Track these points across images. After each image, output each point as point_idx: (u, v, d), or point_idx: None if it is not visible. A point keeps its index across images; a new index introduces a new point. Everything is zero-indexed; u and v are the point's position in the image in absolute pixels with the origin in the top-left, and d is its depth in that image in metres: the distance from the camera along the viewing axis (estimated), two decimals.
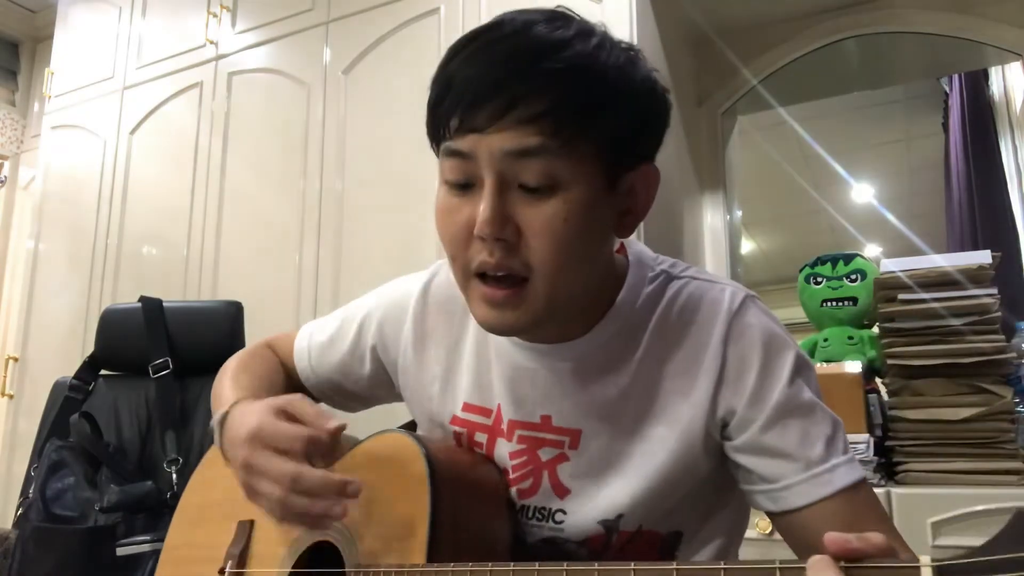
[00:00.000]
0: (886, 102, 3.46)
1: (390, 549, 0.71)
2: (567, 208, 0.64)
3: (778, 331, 0.73)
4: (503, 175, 0.64)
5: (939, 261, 1.63)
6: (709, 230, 2.39)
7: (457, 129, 0.65)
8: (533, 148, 0.62)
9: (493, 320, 0.68)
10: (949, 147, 3.02)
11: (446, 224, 0.68)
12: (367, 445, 0.80)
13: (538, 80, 0.62)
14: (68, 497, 1.54)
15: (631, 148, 0.69)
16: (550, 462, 0.76)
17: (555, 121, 0.62)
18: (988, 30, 2.16)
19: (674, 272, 0.78)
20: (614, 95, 0.65)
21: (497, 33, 0.65)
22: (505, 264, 0.65)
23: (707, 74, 2.45)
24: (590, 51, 0.65)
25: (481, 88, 0.63)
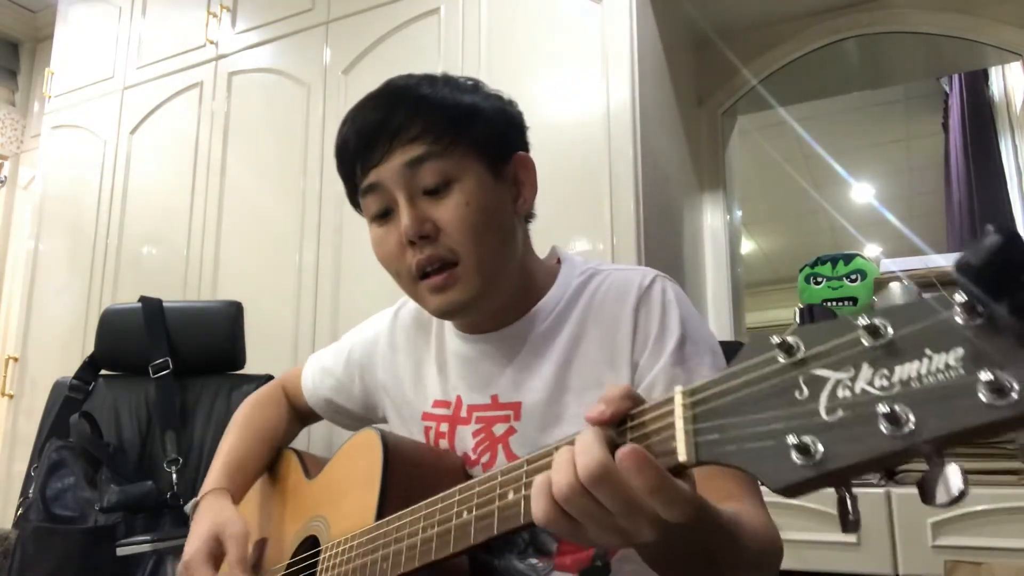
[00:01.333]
0: (886, 102, 3.46)
1: (352, 524, 0.79)
2: (466, 195, 0.79)
3: (675, 304, 0.84)
4: (408, 187, 0.79)
5: (939, 261, 1.63)
6: (709, 230, 2.39)
7: (363, 170, 0.81)
8: (422, 155, 0.79)
9: (443, 303, 0.81)
10: (949, 147, 3.02)
11: (383, 250, 0.83)
12: (346, 446, 0.90)
13: (409, 110, 0.80)
14: (68, 497, 1.54)
15: (501, 144, 0.84)
16: (503, 436, 0.86)
17: (433, 135, 0.79)
18: (988, 30, 2.16)
19: (600, 268, 0.91)
20: (471, 107, 0.83)
21: (371, 96, 0.84)
22: (435, 256, 0.79)
23: (707, 74, 2.45)
24: (441, 82, 0.84)
25: (369, 133, 0.80)
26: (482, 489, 0.63)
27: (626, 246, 1.77)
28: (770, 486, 0.43)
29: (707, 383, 0.49)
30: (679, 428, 0.49)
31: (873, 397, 0.40)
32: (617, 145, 1.82)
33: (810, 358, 0.43)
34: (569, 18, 1.94)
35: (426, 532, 0.67)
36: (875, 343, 0.41)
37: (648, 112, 1.90)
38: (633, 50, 1.86)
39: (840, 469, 0.40)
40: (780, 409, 0.44)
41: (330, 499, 0.89)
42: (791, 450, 0.42)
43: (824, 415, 0.41)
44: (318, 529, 0.87)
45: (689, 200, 2.30)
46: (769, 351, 0.45)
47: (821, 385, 0.42)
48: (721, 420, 0.47)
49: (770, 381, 0.45)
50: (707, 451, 0.47)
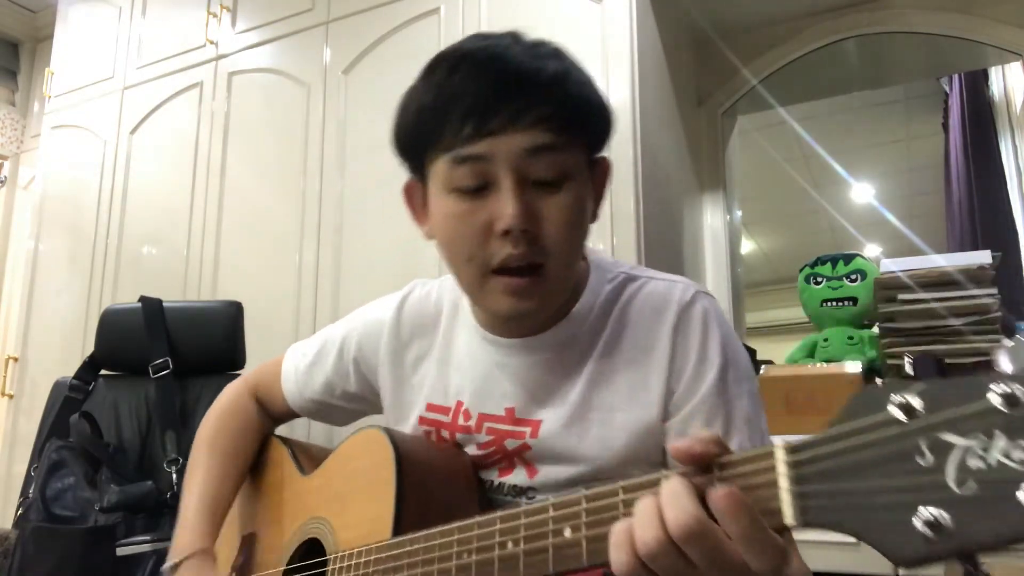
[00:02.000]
0: (886, 102, 3.46)
1: (363, 532, 0.75)
2: (575, 197, 0.73)
3: (716, 328, 0.78)
4: (520, 172, 0.70)
5: (939, 261, 1.63)
6: (709, 230, 2.39)
7: (470, 136, 0.70)
8: (547, 144, 0.70)
9: (514, 308, 0.73)
10: (949, 147, 3.02)
11: (461, 228, 0.72)
12: (347, 443, 0.85)
13: (541, 87, 0.70)
14: (68, 497, 1.54)
15: (602, 144, 0.79)
16: (516, 450, 0.81)
17: (559, 121, 0.71)
18: (988, 30, 2.16)
19: (632, 274, 0.84)
20: (591, 100, 0.75)
21: (487, 51, 0.72)
22: (528, 254, 0.71)
23: (707, 74, 2.45)
24: (571, 64, 0.75)
25: (493, 96, 0.69)
26: (531, 521, 0.58)
27: (626, 246, 1.77)
28: (894, 559, 0.40)
29: (813, 440, 0.45)
30: (783, 487, 0.45)
31: (1013, 472, 0.37)
32: (617, 145, 1.82)
33: (934, 422, 0.40)
34: (569, 18, 1.94)
35: (462, 558, 0.62)
36: (1012, 412, 0.37)
37: (648, 112, 1.90)
38: (633, 50, 1.86)
39: (976, 547, 0.38)
40: (901, 477, 0.41)
41: (332, 501, 0.84)
42: (918, 523, 0.39)
43: (954, 487, 0.38)
44: (320, 533, 0.83)
45: (689, 200, 2.30)
46: (884, 410, 0.42)
47: (947, 453, 0.39)
48: (831, 483, 0.43)
49: (888, 445, 0.41)
50: (817, 515, 0.44)
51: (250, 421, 1.01)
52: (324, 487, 0.87)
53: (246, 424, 1.01)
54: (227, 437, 0.99)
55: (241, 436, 1.00)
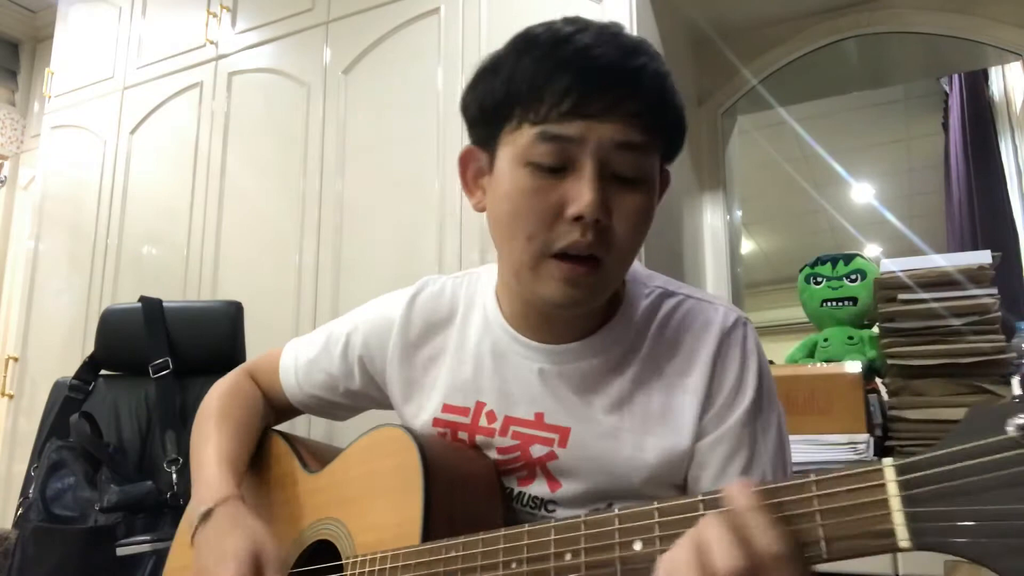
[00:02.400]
0: (886, 102, 3.46)
1: (386, 537, 0.72)
2: (648, 200, 0.72)
3: (755, 358, 0.77)
4: (604, 163, 0.69)
5: (939, 261, 1.63)
6: (709, 230, 2.39)
7: (566, 113, 0.67)
8: (638, 143, 0.69)
9: (565, 295, 0.71)
10: (949, 147, 3.02)
11: (531, 204, 0.70)
12: (362, 441, 0.82)
13: (643, 83, 0.69)
14: (68, 497, 1.54)
15: (674, 153, 0.77)
16: (541, 459, 0.79)
17: (652, 121, 0.70)
18: (988, 30, 2.16)
19: (669, 288, 0.82)
20: (677, 108, 0.74)
21: (595, 36, 0.69)
22: (594, 245, 0.69)
23: (707, 74, 2.45)
24: (667, 69, 0.73)
25: (598, 79, 0.67)
26: (592, 533, 0.56)
27: None
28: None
29: (925, 460, 0.44)
30: (895, 508, 0.44)
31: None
32: None
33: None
34: None
35: (510, 568, 0.59)
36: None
37: None
38: None
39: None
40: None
41: (347, 502, 0.80)
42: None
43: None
44: (333, 535, 0.80)
45: (689, 200, 2.30)
46: (1001, 431, 0.41)
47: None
48: (947, 505, 0.42)
49: (1009, 467, 0.40)
50: (933, 538, 0.43)
51: (255, 399, 0.98)
52: (336, 487, 0.84)
53: (251, 401, 0.97)
54: (234, 410, 0.95)
55: (247, 410, 0.96)
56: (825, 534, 0.47)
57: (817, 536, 0.47)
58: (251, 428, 0.95)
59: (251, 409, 0.96)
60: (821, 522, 0.47)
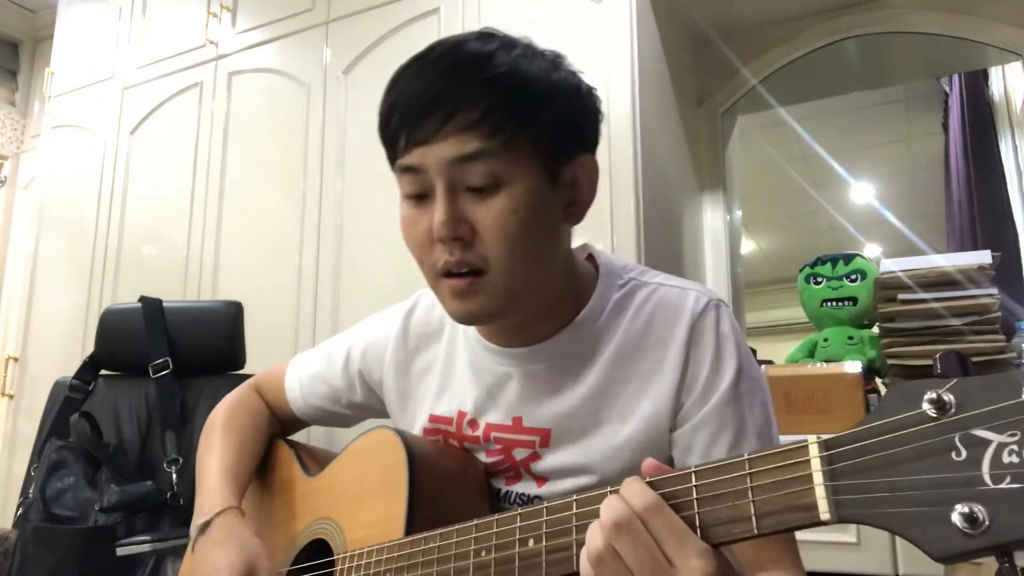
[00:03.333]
0: (886, 102, 3.46)
1: (374, 533, 0.74)
2: (513, 202, 0.70)
3: (731, 339, 0.77)
4: (451, 180, 0.70)
5: (939, 261, 1.63)
6: (709, 230, 2.39)
7: (406, 145, 0.71)
8: (473, 153, 0.69)
9: (461, 309, 0.73)
10: (949, 147, 3.02)
11: (410, 234, 0.75)
12: (356, 444, 0.85)
13: (472, 91, 0.69)
14: (68, 497, 1.54)
15: (566, 142, 0.74)
16: (524, 460, 0.80)
17: (491, 126, 0.69)
18: (988, 30, 2.16)
19: (642, 279, 0.82)
20: (541, 96, 0.72)
21: (431, 55, 0.72)
22: (464, 260, 0.71)
23: (707, 74, 2.45)
24: (513, 60, 0.71)
25: (422, 104, 0.70)
26: (553, 518, 0.58)
27: (626, 246, 1.77)
28: (931, 554, 0.41)
29: (847, 435, 0.46)
30: (818, 482, 0.46)
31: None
32: (617, 145, 1.82)
33: (968, 417, 0.41)
34: (569, 18, 1.94)
35: (480, 556, 0.61)
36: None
37: (648, 112, 1.90)
38: (633, 50, 1.86)
39: (1012, 542, 0.38)
40: (936, 472, 0.41)
41: (340, 501, 0.83)
42: (954, 517, 0.40)
43: (989, 482, 0.39)
44: (327, 533, 0.82)
45: (689, 200, 2.30)
46: (917, 406, 0.43)
47: (983, 448, 0.40)
48: (865, 478, 0.44)
49: (922, 440, 0.42)
50: (851, 511, 0.45)
51: (261, 412, 1.01)
52: (331, 488, 0.86)
53: (258, 415, 1.01)
54: (241, 423, 0.98)
55: (254, 423, 0.99)
56: (756, 510, 0.49)
57: (749, 512, 0.49)
58: (256, 440, 0.98)
59: (256, 422, 1.00)
60: (753, 498, 0.49)
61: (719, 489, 0.50)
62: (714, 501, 0.50)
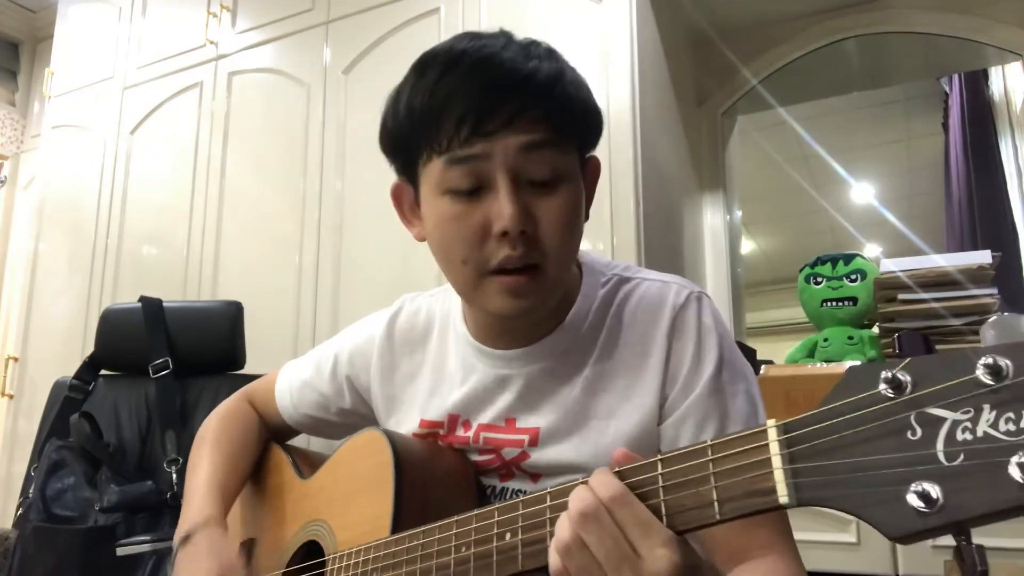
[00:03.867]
0: (886, 102, 3.46)
1: (362, 532, 0.75)
2: (571, 197, 0.73)
3: (712, 330, 0.78)
4: (515, 172, 0.70)
5: (939, 261, 1.63)
6: (709, 230, 2.39)
7: (467, 137, 0.69)
8: (542, 141, 0.70)
9: (511, 307, 0.73)
10: (949, 147, 3.02)
11: (457, 230, 0.72)
12: (346, 446, 0.85)
13: (538, 88, 0.70)
14: (68, 497, 1.54)
15: (592, 142, 0.79)
16: (515, 459, 0.81)
17: (555, 122, 0.71)
18: (988, 30, 2.16)
19: (625, 275, 0.83)
20: (584, 101, 0.75)
21: (482, 52, 0.71)
22: (527, 255, 0.70)
23: (707, 74, 2.45)
24: (564, 63, 0.75)
25: (492, 96, 0.69)
26: (528, 512, 0.58)
27: (626, 246, 1.77)
28: (886, 534, 0.41)
29: (805, 418, 0.46)
30: (776, 466, 0.46)
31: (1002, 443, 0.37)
32: (617, 145, 1.82)
33: (923, 396, 0.41)
34: (569, 18, 1.94)
35: (460, 552, 0.62)
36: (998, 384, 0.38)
37: (648, 112, 1.90)
38: (633, 50, 1.86)
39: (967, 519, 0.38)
40: (892, 451, 0.41)
41: (331, 503, 0.84)
42: (910, 497, 0.40)
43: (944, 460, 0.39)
44: (319, 535, 0.83)
45: (689, 200, 2.30)
46: (873, 386, 0.43)
47: (937, 427, 0.40)
48: (823, 460, 0.44)
49: (878, 420, 0.42)
50: (810, 493, 0.45)
51: (252, 423, 1.02)
52: (323, 490, 0.87)
53: (248, 426, 1.01)
54: (231, 435, 0.99)
55: (245, 434, 1.00)
56: (717, 496, 0.49)
57: (711, 498, 0.49)
58: (246, 451, 0.98)
59: (247, 433, 1.00)
60: (715, 484, 0.49)
61: (683, 476, 0.51)
62: (679, 488, 0.51)
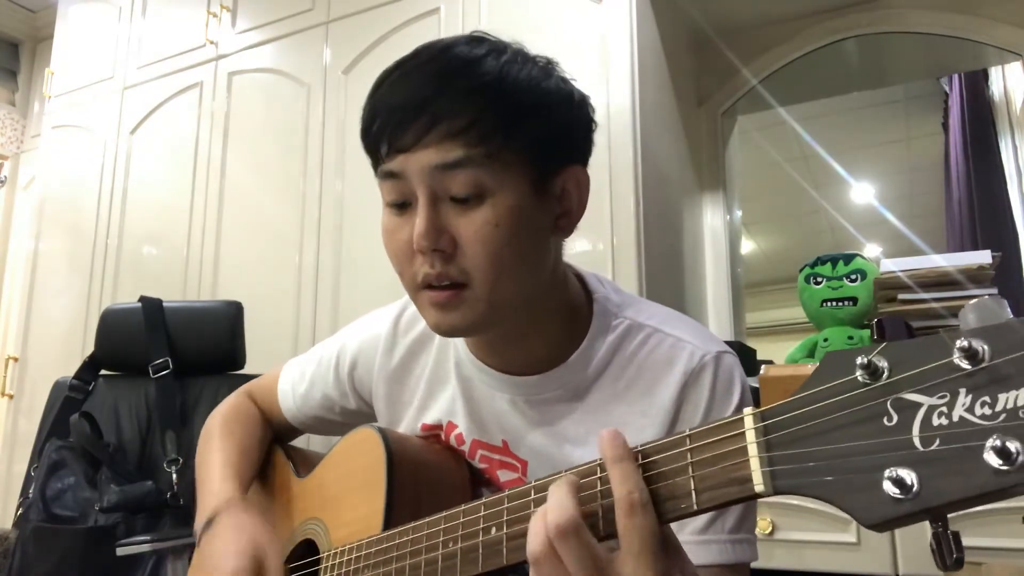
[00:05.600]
0: (886, 102, 3.46)
1: (355, 530, 0.75)
2: (496, 214, 0.67)
3: (724, 394, 0.74)
4: (433, 189, 0.67)
5: (939, 261, 1.63)
6: (709, 230, 2.39)
7: (388, 152, 0.69)
8: (457, 161, 0.66)
9: (441, 322, 0.71)
10: (949, 147, 3.02)
11: (390, 243, 0.72)
12: (341, 444, 0.85)
13: (457, 97, 0.66)
14: (68, 497, 1.54)
15: (555, 153, 0.72)
16: (510, 483, 0.80)
17: (477, 134, 0.66)
18: (988, 30, 2.16)
19: (639, 320, 0.78)
20: (530, 105, 0.69)
21: (417, 60, 0.70)
22: (445, 273, 0.68)
23: (707, 74, 2.45)
24: (501, 66, 0.68)
25: (405, 110, 0.67)
26: (513, 505, 0.58)
27: (626, 246, 1.77)
28: (861, 521, 0.41)
29: (781, 405, 0.45)
30: (752, 454, 0.45)
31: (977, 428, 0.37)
32: (617, 145, 1.82)
33: (899, 381, 0.40)
34: (569, 18, 1.94)
35: (448, 547, 0.62)
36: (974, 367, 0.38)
37: (648, 112, 1.90)
38: (633, 50, 1.86)
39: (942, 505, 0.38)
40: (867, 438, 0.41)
41: (326, 501, 0.84)
42: (885, 483, 0.39)
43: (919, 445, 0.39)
44: (315, 533, 0.84)
45: (689, 200, 2.30)
46: (850, 372, 0.42)
47: (913, 412, 0.39)
48: (799, 448, 0.43)
49: (855, 406, 0.42)
50: (785, 481, 0.44)
51: (257, 418, 1.00)
52: (319, 488, 0.87)
53: (254, 420, 0.99)
54: (238, 427, 0.97)
55: (252, 427, 0.98)
56: (695, 485, 0.48)
57: (689, 488, 0.49)
58: (254, 443, 0.96)
59: (254, 427, 0.98)
60: (692, 473, 0.49)
61: (662, 467, 0.50)
62: (658, 479, 0.50)
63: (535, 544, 0.51)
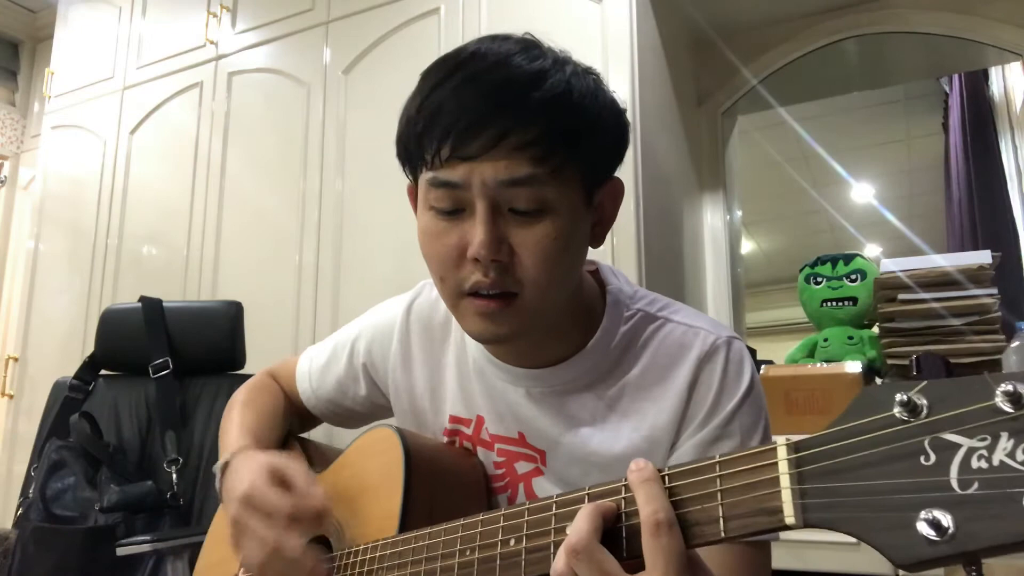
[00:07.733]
0: (886, 102, 3.46)
1: (370, 530, 0.75)
2: (556, 228, 0.67)
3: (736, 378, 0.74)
4: (495, 201, 0.67)
5: (939, 261, 1.63)
6: (709, 230, 2.39)
7: (447, 158, 0.66)
8: (524, 178, 0.65)
9: (485, 331, 0.71)
10: (949, 147, 3.02)
11: (434, 247, 0.70)
12: (358, 442, 0.85)
13: (526, 111, 0.65)
14: (68, 497, 1.54)
15: (606, 168, 0.73)
16: (526, 475, 0.80)
17: (543, 149, 0.65)
18: (988, 30, 2.16)
19: (651, 311, 0.79)
20: (592, 122, 0.69)
21: (481, 64, 0.67)
22: (499, 283, 0.68)
23: (707, 74, 2.45)
24: (567, 80, 0.68)
25: (473, 118, 0.65)
26: (534, 519, 0.58)
27: (626, 246, 1.77)
28: (895, 561, 0.40)
29: (816, 438, 0.45)
30: (784, 486, 0.45)
31: (1018, 474, 0.36)
32: None
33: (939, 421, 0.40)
34: (569, 18, 1.94)
35: (464, 556, 0.62)
36: (1016, 412, 0.37)
37: (648, 112, 1.90)
38: (633, 50, 1.86)
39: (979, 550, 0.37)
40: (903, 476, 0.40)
41: (342, 499, 0.82)
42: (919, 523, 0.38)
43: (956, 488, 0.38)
44: (328, 531, 0.83)
45: (689, 200, 2.30)
46: (888, 408, 0.42)
47: (952, 453, 0.39)
48: (833, 482, 0.43)
49: (892, 443, 0.41)
50: (817, 515, 0.43)
51: (280, 396, 0.99)
52: (334, 485, 0.86)
53: (277, 396, 0.98)
54: (261, 401, 0.96)
55: (275, 402, 0.97)
56: (723, 512, 0.48)
57: (717, 515, 0.48)
58: (276, 415, 0.95)
59: (277, 402, 0.97)
60: (721, 501, 0.48)
61: (690, 492, 0.50)
62: (685, 504, 0.50)
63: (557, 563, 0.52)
